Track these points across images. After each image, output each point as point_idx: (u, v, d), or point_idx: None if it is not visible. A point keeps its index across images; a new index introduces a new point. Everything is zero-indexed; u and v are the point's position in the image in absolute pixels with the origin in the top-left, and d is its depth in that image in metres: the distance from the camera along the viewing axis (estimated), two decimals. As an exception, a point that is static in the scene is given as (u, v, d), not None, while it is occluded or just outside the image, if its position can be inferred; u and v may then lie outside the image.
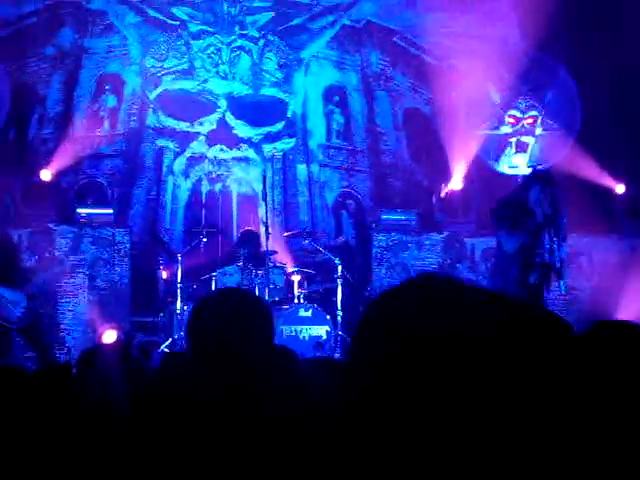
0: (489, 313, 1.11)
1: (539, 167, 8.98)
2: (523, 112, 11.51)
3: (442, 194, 11.47)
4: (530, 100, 11.50)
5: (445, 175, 11.45)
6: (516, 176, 11.38)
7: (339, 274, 9.46)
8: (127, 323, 9.75)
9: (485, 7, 11.84)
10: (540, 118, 11.48)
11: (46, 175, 10.97)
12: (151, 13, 11.67)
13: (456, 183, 11.44)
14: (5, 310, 7.59)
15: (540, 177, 8.30)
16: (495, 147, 11.56)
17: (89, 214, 10.36)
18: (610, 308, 8.91)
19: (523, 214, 7.92)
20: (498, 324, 1.09)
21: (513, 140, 11.49)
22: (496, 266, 8.28)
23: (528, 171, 11.19)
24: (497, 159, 11.49)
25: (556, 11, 11.40)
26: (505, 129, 11.53)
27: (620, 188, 11.02)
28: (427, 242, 10.69)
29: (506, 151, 11.50)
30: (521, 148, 11.46)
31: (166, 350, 8.55)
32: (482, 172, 11.72)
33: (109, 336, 8.09)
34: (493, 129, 11.57)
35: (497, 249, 8.28)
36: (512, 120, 11.52)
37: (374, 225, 10.87)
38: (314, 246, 10.14)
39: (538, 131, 11.50)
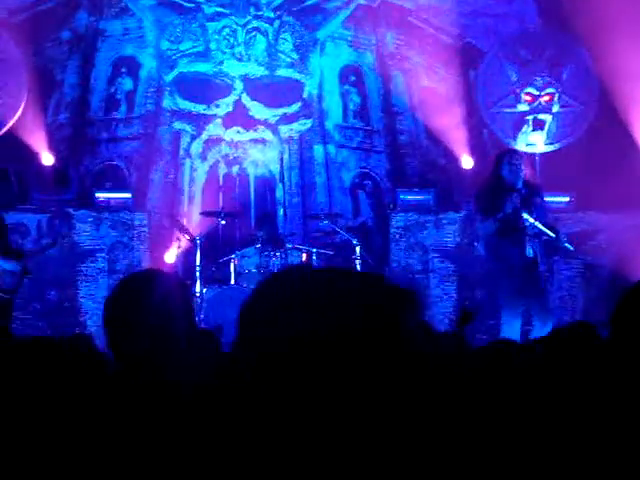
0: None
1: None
2: (540, 89, 11.45)
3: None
4: (547, 77, 11.43)
5: (462, 154, 11.42)
6: (533, 154, 11.35)
7: (357, 255, 9.49)
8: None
9: (501, -16, 11.78)
10: (557, 95, 11.42)
11: (47, 159, 10.90)
12: (166, -5, 11.64)
13: (467, 162, 11.38)
14: (5, 279, 7.73)
15: (506, 154, 8.23)
16: (512, 125, 11.51)
17: (108, 198, 10.42)
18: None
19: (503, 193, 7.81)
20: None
21: (530, 118, 11.43)
22: (489, 249, 8.15)
23: (546, 149, 11.23)
24: (514, 137, 11.44)
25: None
26: (522, 107, 11.48)
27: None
28: (445, 221, 10.69)
29: (523, 129, 11.45)
30: (538, 126, 11.41)
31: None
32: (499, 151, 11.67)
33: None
34: (509, 107, 11.52)
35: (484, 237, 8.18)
36: (529, 98, 11.46)
37: (392, 205, 10.86)
38: (332, 227, 10.18)
39: (555, 108, 11.44)
